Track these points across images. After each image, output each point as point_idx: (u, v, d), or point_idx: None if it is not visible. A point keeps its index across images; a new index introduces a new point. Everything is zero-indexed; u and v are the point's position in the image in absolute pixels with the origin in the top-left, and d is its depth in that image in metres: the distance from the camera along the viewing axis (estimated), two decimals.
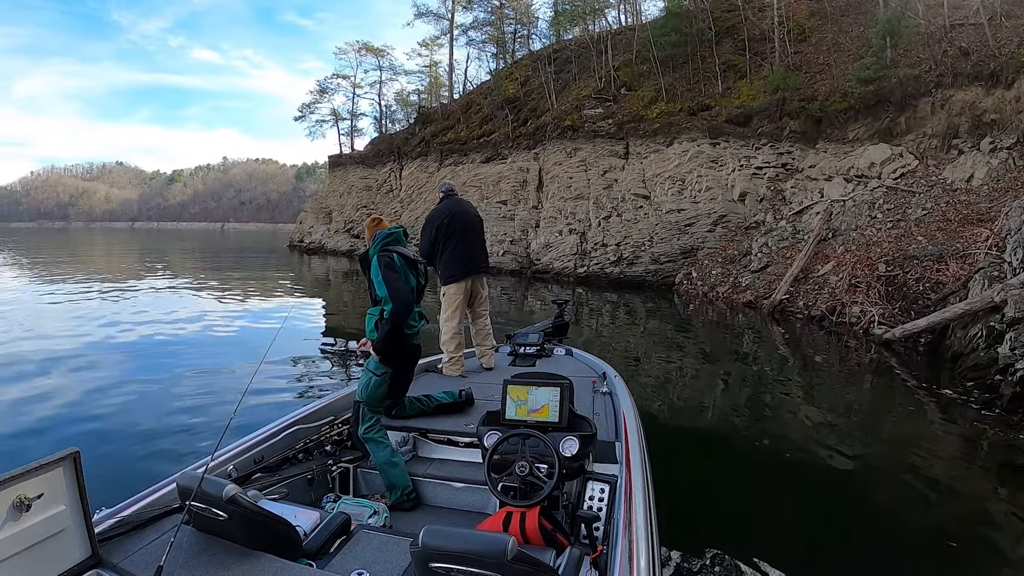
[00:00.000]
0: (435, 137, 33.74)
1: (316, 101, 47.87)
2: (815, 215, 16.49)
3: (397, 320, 3.65)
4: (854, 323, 11.43)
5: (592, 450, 2.96)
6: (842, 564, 3.97)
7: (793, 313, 13.30)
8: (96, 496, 2.17)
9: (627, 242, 20.86)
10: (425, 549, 1.81)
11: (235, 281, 22.55)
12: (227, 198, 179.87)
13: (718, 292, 16.22)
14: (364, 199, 37.17)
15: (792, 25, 22.51)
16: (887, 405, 7.78)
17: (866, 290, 12.09)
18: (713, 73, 22.94)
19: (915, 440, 6.29)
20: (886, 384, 8.76)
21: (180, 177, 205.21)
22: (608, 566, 2.31)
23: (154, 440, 6.10)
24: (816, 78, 20.40)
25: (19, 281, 20.45)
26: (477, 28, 40.03)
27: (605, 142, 23.16)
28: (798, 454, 5.98)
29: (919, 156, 16.69)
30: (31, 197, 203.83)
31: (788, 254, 15.51)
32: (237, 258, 37.81)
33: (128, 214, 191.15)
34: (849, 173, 17.44)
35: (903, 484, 5.24)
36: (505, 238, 25.51)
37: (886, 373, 9.17)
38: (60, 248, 44.47)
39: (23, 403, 7.15)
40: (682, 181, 20.37)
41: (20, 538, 1.86)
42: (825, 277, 13.55)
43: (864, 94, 17.97)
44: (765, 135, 19.57)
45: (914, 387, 8.21)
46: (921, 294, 11.21)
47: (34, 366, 8.93)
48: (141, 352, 10.11)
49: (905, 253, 12.55)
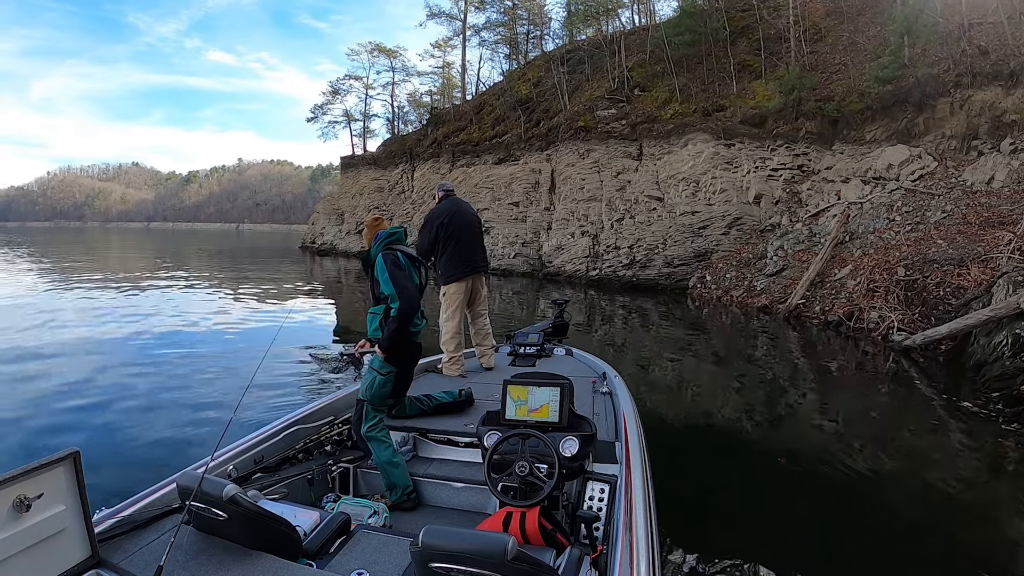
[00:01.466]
0: (447, 138, 33.67)
1: (328, 102, 48.04)
2: (832, 218, 16.24)
3: (404, 318, 3.65)
4: (872, 329, 11.18)
5: (592, 450, 2.99)
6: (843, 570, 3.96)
7: (809, 318, 13.07)
8: (96, 496, 2.17)
9: (640, 244, 20.66)
10: (425, 549, 1.81)
11: (244, 281, 22.67)
12: (242, 199, 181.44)
13: (732, 296, 16.01)
14: (376, 200, 37.17)
15: (808, 24, 22.19)
16: (905, 415, 7.54)
17: (884, 295, 11.84)
18: (728, 73, 22.65)
19: (934, 454, 6.12)
20: (904, 393, 8.52)
21: (196, 178, 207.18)
22: (608, 566, 2.33)
23: (154, 440, 6.15)
24: (832, 78, 20.09)
25: (31, 277, 20.56)
26: (490, 29, 39.99)
27: (618, 143, 22.95)
28: (806, 461, 5.88)
29: (938, 157, 16.38)
30: (47, 197, 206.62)
31: (804, 257, 15.27)
32: (249, 259, 38.06)
33: (144, 214, 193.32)
34: (866, 175, 17.14)
35: (918, 500, 5.06)
36: (517, 240, 25.39)
37: (905, 381, 8.93)
38: (75, 247, 44.79)
39: (22, 403, 7.20)
40: (696, 183, 20.13)
41: (20, 538, 1.87)
42: (842, 281, 13.31)
43: (881, 94, 17.66)
44: (781, 136, 19.29)
45: (934, 397, 7.97)
46: (941, 299, 10.96)
47: (34, 364, 9.04)
48: (142, 352, 10.21)
49: (925, 257, 12.28)
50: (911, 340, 9.90)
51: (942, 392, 8.02)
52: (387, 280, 3.68)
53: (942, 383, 8.49)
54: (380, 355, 3.71)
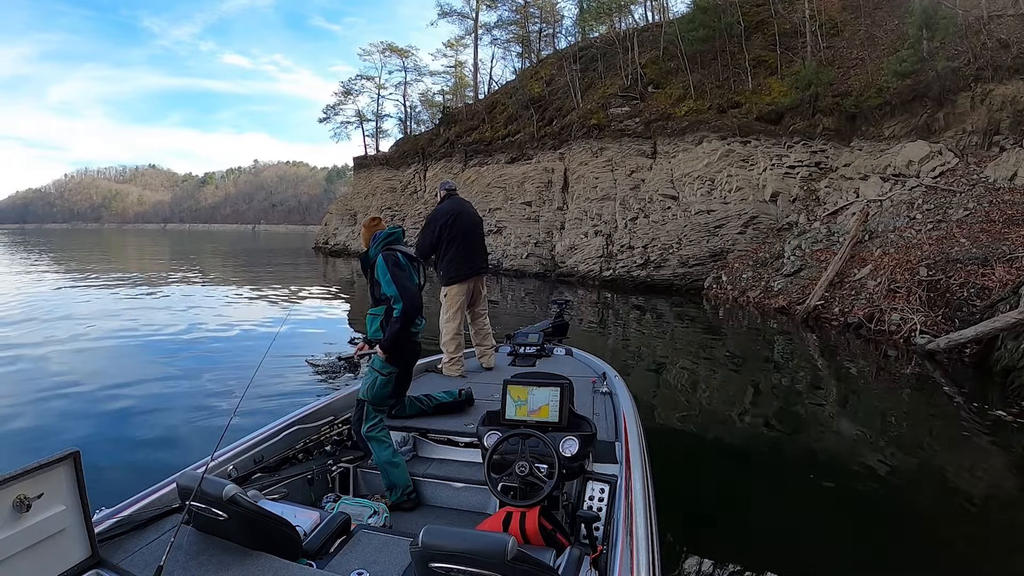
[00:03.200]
0: (460, 138, 33.55)
1: (341, 103, 48.15)
2: (851, 216, 15.92)
3: (407, 318, 3.68)
4: (894, 331, 10.89)
5: (592, 450, 3.01)
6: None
7: (828, 320, 12.77)
8: (96, 496, 2.19)
9: (654, 244, 20.40)
10: (425, 549, 1.82)
11: (254, 281, 22.72)
12: (258, 200, 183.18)
13: (749, 297, 15.75)
14: (388, 201, 37.14)
15: (824, 19, 21.86)
16: (929, 422, 7.29)
17: (906, 296, 11.55)
18: (743, 69, 22.32)
19: (960, 464, 5.88)
20: (929, 399, 8.22)
21: (212, 180, 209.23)
22: (608, 566, 2.35)
23: (154, 439, 6.18)
24: (850, 73, 19.76)
25: (49, 277, 20.64)
26: (502, 27, 39.99)
27: (632, 141, 22.68)
28: (819, 465, 5.78)
29: (959, 153, 16.02)
30: (64, 199, 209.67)
31: (822, 257, 14.96)
32: (262, 259, 38.28)
33: (160, 216, 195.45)
34: (886, 172, 16.81)
35: (943, 514, 4.81)
36: (529, 240, 25.22)
37: (929, 387, 8.63)
38: (92, 248, 45.32)
39: (23, 401, 7.30)
40: (711, 181, 19.82)
41: (20, 538, 1.89)
42: (862, 282, 13.02)
43: (900, 89, 17.31)
44: (797, 133, 18.99)
45: (961, 404, 7.65)
46: (966, 300, 10.65)
47: (34, 361, 9.23)
48: (144, 351, 10.35)
49: (947, 256, 11.96)
50: (935, 343, 9.60)
51: (970, 399, 7.71)
52: (389, 281, 3.70)
53: (969, 389, 8.18)
54: (381, 356, 3.72)
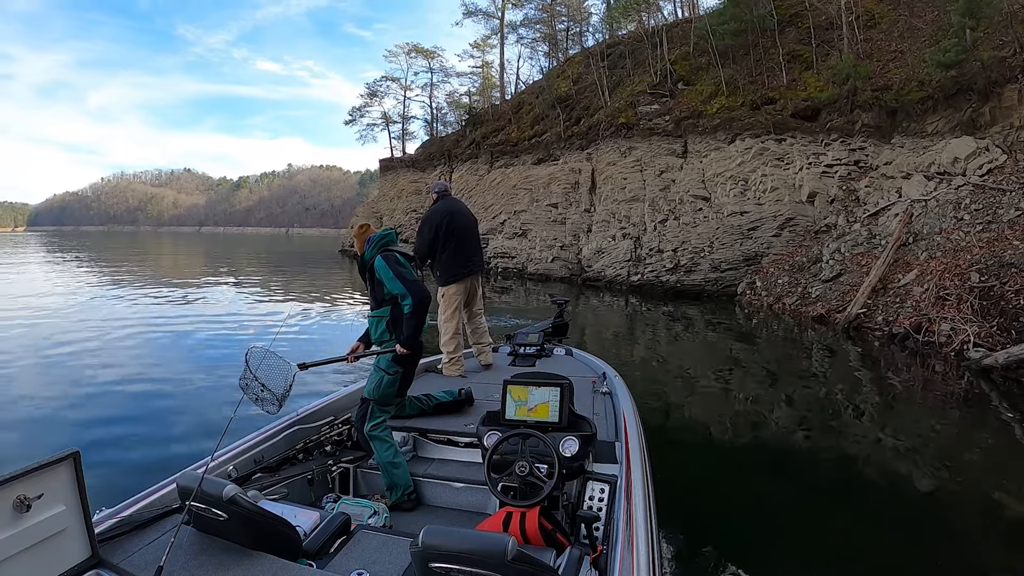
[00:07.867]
0: (486, 139, 33.30)
1: (366, 104, 48.18)
2: (893, 217, 15.09)
3: (421, 311, 3.71)
4: (943, 343, 10.10)
5: (592, 450, 3.03)
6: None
7: (870, 329, 12.00)
8: (96, 496, 2.19)
9: (685, 248, 19.72)
10: (425, 549, 1.82)
11: (276, 283, 23.02)
12: (292, 204, 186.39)
13: (785, 304, 15.02)
14: (414, 203, 37.09)
15: (861, 10, 20.88)
16: (983, 449, 6.55)
17: (956, 304, 10.77)
18: (776, 64, 21.44)
19: (1016, 496, 5.18)
20: (979, 419, 7.45)
21: (246, 183, 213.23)
22: (608, 566, 2.34)
23: (154, 439, 6.25)
24: (889, 66, 18.80)
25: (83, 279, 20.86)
26: (527, 26, 39.53)
27: (661, 140, 22.03)
28: (824, 472, 5.74)
29: (1007, 150, 15.08)
30: (101, 202, 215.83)
31: (864, 261, 14.19)
32: (292, 261, 39.05)
33: (195, 219, 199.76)
34: (930, 170, 15.91)
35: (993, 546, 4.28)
36: (555, 243, 24.73)
37: (983, 407, 7.85)
38: (130, 250, 46.11)
39: (22, 400, 7.46)
40: (745, 181, 19.10)
41: (20, 538, 1.89)
42: (907, 288, 12.25)
43: (943, 81, 16.35)
44: (835, 130, 18.15)
45: (1020, 430, 6.88)
46: (1022, 310, 9.90)
47: (34, 361, 9.51)
48: (145, 351, 10.59)
49: (1000, 260, 11.14)
50: (992, 358, 8.78)
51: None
52: (393, 279, 3.72)
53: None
54: (401, 352, 3.72)
